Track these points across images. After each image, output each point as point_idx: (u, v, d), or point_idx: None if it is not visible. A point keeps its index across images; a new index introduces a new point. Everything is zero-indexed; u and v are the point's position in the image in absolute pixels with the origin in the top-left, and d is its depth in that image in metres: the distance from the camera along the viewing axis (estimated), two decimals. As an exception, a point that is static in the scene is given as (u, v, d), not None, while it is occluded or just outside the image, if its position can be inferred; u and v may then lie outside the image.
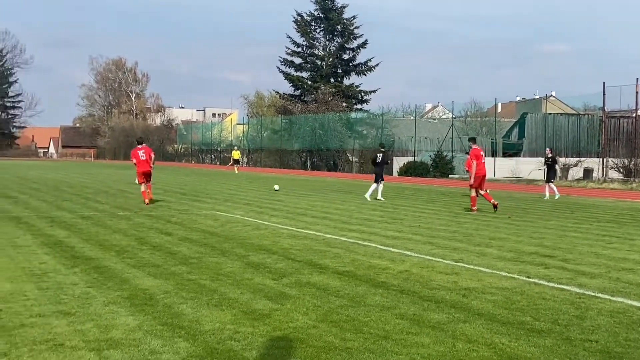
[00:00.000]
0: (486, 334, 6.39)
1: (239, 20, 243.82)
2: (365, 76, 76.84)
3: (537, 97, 73.44)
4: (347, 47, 75.85)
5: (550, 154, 27.48)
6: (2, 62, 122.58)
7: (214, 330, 6.37)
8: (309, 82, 75.39)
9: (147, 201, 20.43)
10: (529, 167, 44.38)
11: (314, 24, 76.04)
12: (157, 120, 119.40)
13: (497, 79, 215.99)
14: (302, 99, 75.65)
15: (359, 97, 75.98)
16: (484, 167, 20.06)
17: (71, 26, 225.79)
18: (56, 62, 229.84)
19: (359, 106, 74.73)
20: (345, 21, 75.00)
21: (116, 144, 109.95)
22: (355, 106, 74.05)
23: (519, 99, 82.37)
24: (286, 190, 29.99)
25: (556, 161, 27.69)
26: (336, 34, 75.66)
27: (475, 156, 19.80)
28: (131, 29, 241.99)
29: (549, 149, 28.41)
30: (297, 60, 76.51)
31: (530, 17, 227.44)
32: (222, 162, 77.02)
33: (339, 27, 75.04)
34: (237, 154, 58.68)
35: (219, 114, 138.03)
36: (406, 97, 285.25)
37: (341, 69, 76.70)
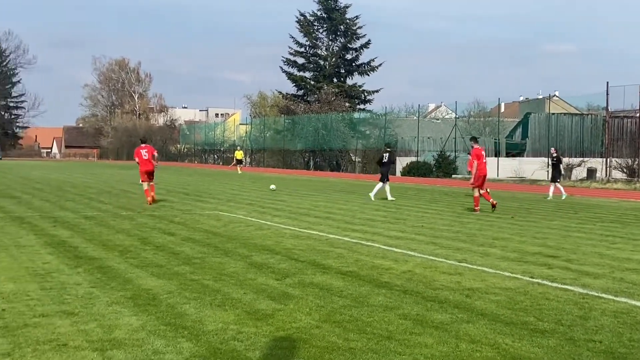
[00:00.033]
0: (489, 334, 6.38)
1: (241, 20, 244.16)
2: (368, 76, 76.94)
3: (540, 97, 73.38)
4: (350, 47, 75.90)
5: (555, 154, 27.49)
6: (5, 63, 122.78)
7: (217, 330, 6.37)
8: (312, 82, 75.43)
9: (149, 200, 20.55)
10: (532, 167, 44.31)
11: (317, 24, 76.09)
12: (160, 120, 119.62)
13: (500, 79, 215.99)
14: (305, 99, 75.71)
15: (362, 97, 76.02)
16: (485, 166, 20.05)
17: (74, 26, 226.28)
18: (59, 62, 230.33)
19: (362, 106, 74.76)
20: (348, 21, 75.02)
21: (119, 144, 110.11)
22: (358, 106, 74.07)
23: (522, 98, 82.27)
24: (289, 190, 29.99)
25: (561, 161, 27.69)
26: (339, 34, 75.69)
27: (476, 156, 19.80)
28: (134, 29, 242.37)
29: (554, 149, 28.40)
30: (300, 60, 76.66)
31: (533, 17, 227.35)
32: (224, 162, 77.07)
33: (342, 27, 75.07)
34: (240, 154, 58.69)
35: (221, 114, 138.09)
36: (409, 97, 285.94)
37: (344, 69, 76.73)
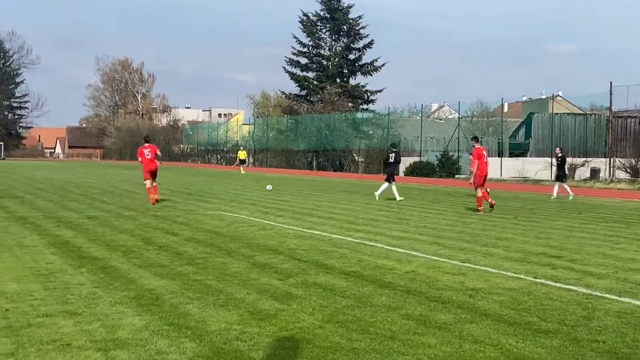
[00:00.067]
0: (493, 334, 6.37)
1: (245, 20, 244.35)
2: (371, 76, 76.99)
3: (543, 97, 73.31)
4: (353, 47, 75.92)
5: (560, 154, 27.49)
6: (8, 63, 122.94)
7: (220, 330, 6.37)
8: (315, 82, 75.47)
9: (152, 198, 20.68)
10: (536, 167, 44.27)
11: (319, 24, 76.12)
12: (163, 120, 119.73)
13: (503, 79, 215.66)
14: (308, 99, 75.75)
15: (365, 97, 76.02)
16: (487, 166, 20.09)
17: (77, 26, 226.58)
18: (62, 62, 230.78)
19: (365, 106, 74.79)
20: (351, 21, 75.04)
21: (122, 144, 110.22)
22: (361, 106, 74.10)
23: (525, 98, 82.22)
24: (292, 190, 29.99)
25: (565, 160, 27.70)
26: (342, 34, 75.71)
27: (477, 155, 19.82)
28: (137, 30, 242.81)
29: (559, 149, 28.39)
30: (303, 60, 76.71)
31: (537, 17, 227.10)
32: (227, 162, 77.12)
33: (345, 27, 75.09)
34: (243, 154, 58.74)
35: (224, 114, 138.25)
36: (412, 97, 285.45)
37: (347, 69, 76.74)
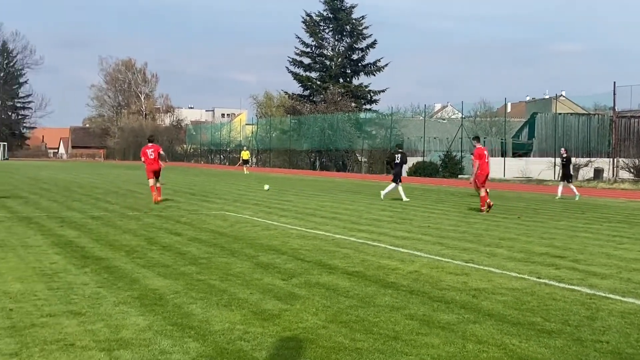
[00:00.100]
0: (496, 334, 6.37)
1: (248, 20, 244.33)
2: (374, 76, 77.04)
3: (547, 97, 73.22)
4: (356, 47, 75.93)
5: (565, 154, 27.48)
6: (12, 63, 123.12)
7: (223, 330, 6.38)
8: (318, 82, 75.46)
9: (155, 196, 20.84)
10: (539, 167, 44.21)
11: (322, 24, 76.13)
12: (166, 120, 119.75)
13: (506, 79, 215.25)
14: (311, 99, 75.75)
15: (368, 97, 76.00)
16: (488, 166, 20.15)
17: (80, 27, 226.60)
18: (66, 62, 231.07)
19: (368, 106, 74.75)
20: (354, 21, 75.04)
21: (125, 145, 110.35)
22: (364, 106, 74.06)
23: (528, 98, 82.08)
24: (295, 190, 30.00)
25: (570, 161, 27.69)
26: (345, 34, 75.71)
27: (479, 155, 19.84)
28: (140, 30, 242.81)
29: (564, 149, 28.37)
30: (306, 60, 76.72)
31: (540, 17, 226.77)
32: (231, 162, 77.18)
33: (348, 27, 75.09)
34: (247, 154, 58.77)
35: (227, 114, 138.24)
36: (415, 97, 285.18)
37: (350, 69, 76.73)
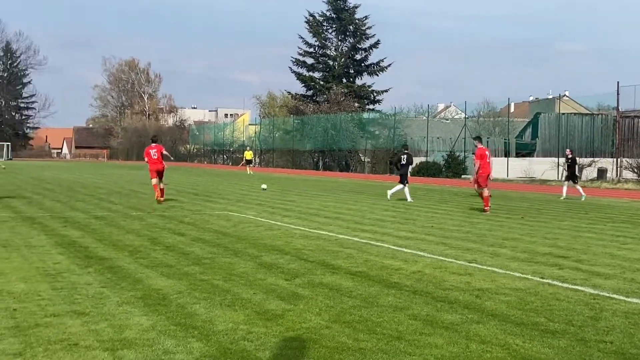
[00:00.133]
0: (500, 334, 6.36)
1: (251, 20, 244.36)
2: (377, 76, 76.99)
3: (550, 96, 73.17)
4: (359, 47, 75.90)
5: (570, 155, 27.45)
6: (16, 63, 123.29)
7: (227, 330, 6.38)
8: (321, 83, 75.47)
9: (158, 193, 20.96)
10: (543, 167, 44.16)
11: (326, 24, 76.14)
12: (169, 120, 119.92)
13: (510, 79, 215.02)
14: (314, 99, 75.76)
15: (371, 97, 75.99)
16: (489, 166, 20.13)
17: (84, 27, 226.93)
18: (69, 63, 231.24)
19: (371, 106, 74.74)
20: (357, 21, 75.03)
21: (129, 145, 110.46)
22: (367, 106, 74.06)
23: (532, 98, 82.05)
24: (298, 190, 30.01)
25: (576, 162, 27.66)
26: (348, 34, 75.71)
27: (480, 156, 19.83)
28: (143, 30, 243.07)
29: (569, 150, 28.32)
30: (309, 60, 76.77)
31: (543, 17, 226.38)
32: (234, 162, 77.22)
33: (351, 27, 75.10)
34: (250, 154, 58.79)
35: (231, 115, 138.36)
36: (418, 97, 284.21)
37: (353, 69, 76.72)
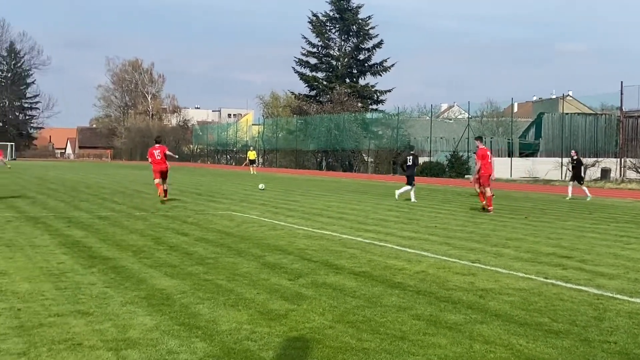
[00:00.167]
0: (503, 335, 6.36)
1: (253, 20, 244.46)
2: (380, 76, 77.01)
3: (554, 96, 73.01)
4: (363, 47, 75.90)
5: (575, 156, 27.39)
6: (19, 64, 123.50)
7: (230, 330, 6.39)
8: (325, 83, 75.48)
9: (160, 190, 21.06)
10: (546, 167, 44.12)
11: (329, 25, 76.14)
12: (173, 120, 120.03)
13: (513, 79, 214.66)
14: (317, 99, 75.78)
15: (375, 97, 75.97)
16: (491, 166, 20.13)
17: (88, 27, 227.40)
18: (73, 63, 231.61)
19: (374, 106, 74.76)
20: (360, 21, 75.02)
21: (132, 145, 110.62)
22: (370, 106, 74.07)
23: (535, 98, 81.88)
24: (302, 190, 30.02)
25: (581, 163, 27.59)
26: (351, 34, 75.69)
27: (482, 156, 19.82)
28: (146, 30, 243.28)
29: (574, 151, 28.26)
30: (313, 60, 76.76)
31: (546, 17, 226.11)
32: (237, 162, 77.28)
33: (355, 27, 75.08)
34: (253, 154, 58.82)
35: (234, 115, 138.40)
36: (422, 97, 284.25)
37: (356, 69, 76.70)
